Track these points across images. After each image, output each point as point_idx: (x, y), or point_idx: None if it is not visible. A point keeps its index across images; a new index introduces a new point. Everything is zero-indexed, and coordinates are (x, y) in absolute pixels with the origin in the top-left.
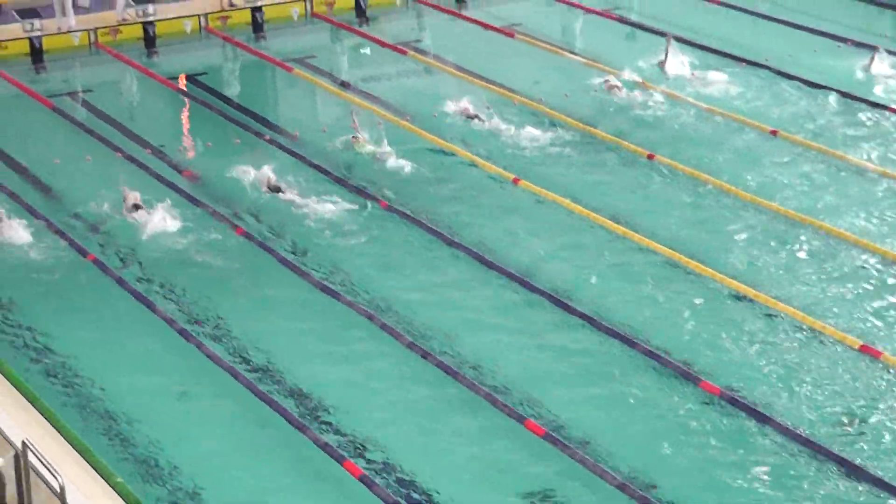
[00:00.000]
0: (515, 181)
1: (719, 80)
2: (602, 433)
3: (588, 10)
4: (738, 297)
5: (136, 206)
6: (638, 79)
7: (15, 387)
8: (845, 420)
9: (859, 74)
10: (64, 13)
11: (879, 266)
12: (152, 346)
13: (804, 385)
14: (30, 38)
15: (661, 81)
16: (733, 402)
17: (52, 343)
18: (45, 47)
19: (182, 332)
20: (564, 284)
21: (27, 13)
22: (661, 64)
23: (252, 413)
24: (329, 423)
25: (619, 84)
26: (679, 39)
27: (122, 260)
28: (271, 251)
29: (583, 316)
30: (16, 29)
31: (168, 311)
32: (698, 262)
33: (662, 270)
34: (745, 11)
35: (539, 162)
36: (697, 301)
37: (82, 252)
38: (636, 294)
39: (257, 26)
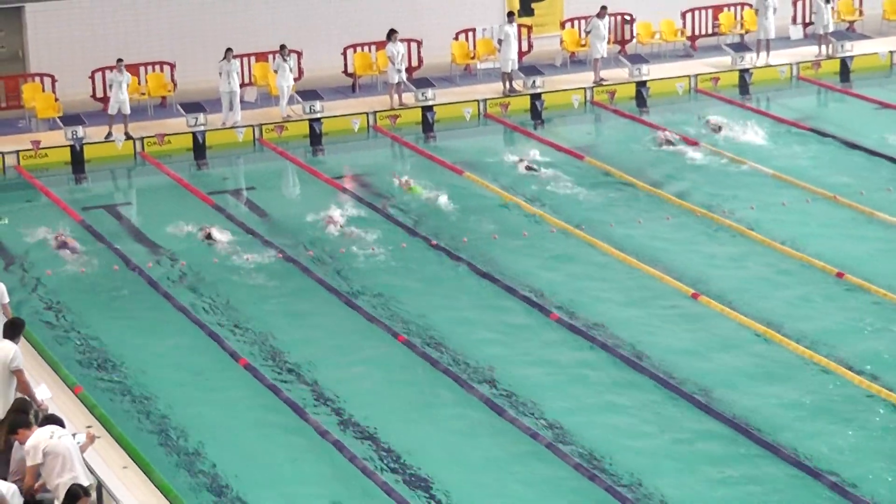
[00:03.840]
0: (695, 296)
1: None
2: None
3: (779, 120)
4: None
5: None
6: (828, 194)
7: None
8: None
9: None
10: (231, 108)
11: None
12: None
13: None
14: (193, 133)
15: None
16: None
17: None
18: (208, 143)
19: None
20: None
21: (191, 107)
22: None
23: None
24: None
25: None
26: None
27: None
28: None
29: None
30: (180, 123)
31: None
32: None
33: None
34: None
35: (721, 275)
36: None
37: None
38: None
39: (427, 126)
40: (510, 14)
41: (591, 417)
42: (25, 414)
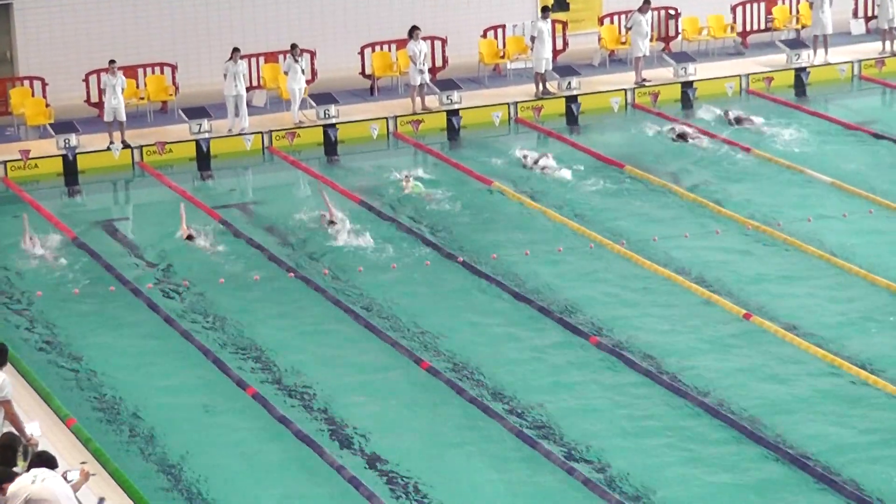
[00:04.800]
0: (747, 316)
1: None
2: None
3: (839, 123)
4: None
5: (191, 237)
6: (894, 204)
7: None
8: None
9: None
10: (237, 113)
11: None
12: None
13: None
14: (197, 141)
15: None
16: None
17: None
18: (213, 151)
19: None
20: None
21: (195, 113)
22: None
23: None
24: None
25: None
26: None
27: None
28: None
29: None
30: (182, 130)
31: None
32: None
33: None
34: None
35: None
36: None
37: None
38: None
39: (453, 132)
40: (545, 9)
41: (634, 451)
42: (11, 457)
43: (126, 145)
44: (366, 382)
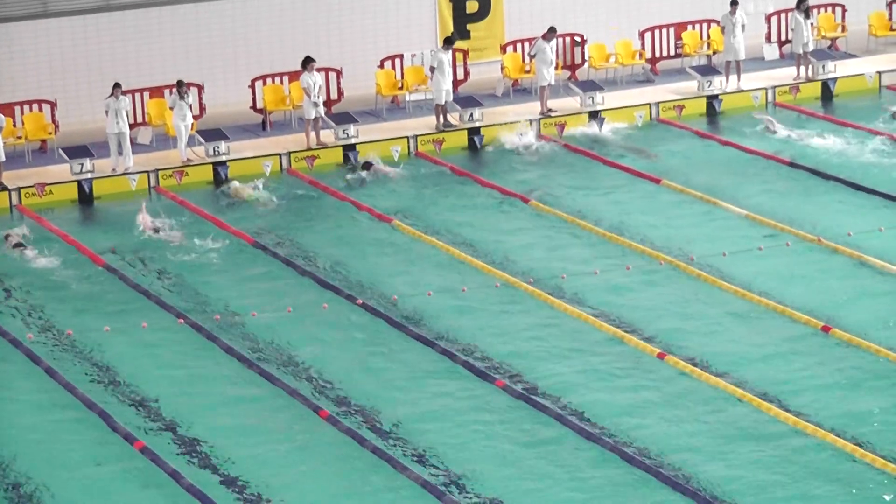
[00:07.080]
0: (661, 356)
1: None
2: None
3: (752, 153)
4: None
5: (19, 245)
6: (811, 236)
7: None
8: None
9: None
10: (121, 152)
11: None
12: None
13: None
14: (79, 182)
15: None
16: None
17: None
18: (96, 192)
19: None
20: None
21: (76, 152)
22: None
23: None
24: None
25: None
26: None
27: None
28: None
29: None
30: (63, 171)
31: None
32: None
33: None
34: None
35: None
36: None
37: None
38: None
39: (352, 167)
40: (447, 40)
41: (542, 498)
42: None
43: (3, 188)
44: (263, 433)
